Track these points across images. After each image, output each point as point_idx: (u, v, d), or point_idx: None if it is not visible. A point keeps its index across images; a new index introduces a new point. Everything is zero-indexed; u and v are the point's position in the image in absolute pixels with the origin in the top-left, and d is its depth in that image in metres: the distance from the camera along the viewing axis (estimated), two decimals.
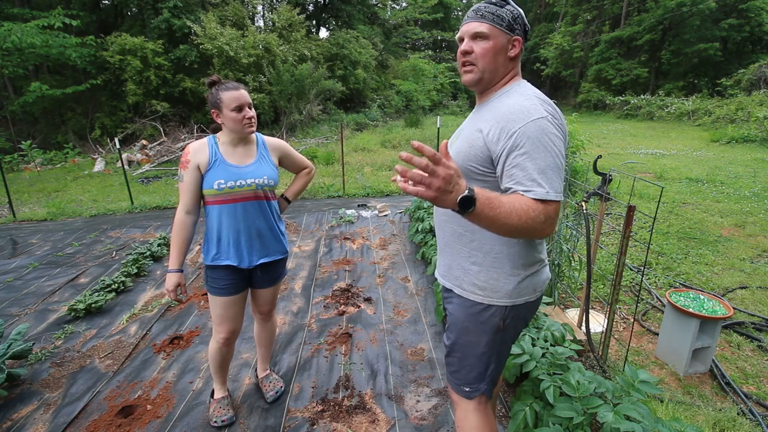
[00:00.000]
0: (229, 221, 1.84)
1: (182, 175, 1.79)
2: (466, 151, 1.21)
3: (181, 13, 14.27)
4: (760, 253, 4.25)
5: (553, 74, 27.18)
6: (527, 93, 1.18)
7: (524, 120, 1.10)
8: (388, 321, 3.06)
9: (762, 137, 11.32)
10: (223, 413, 2.10)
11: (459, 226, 1.30)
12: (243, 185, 1.82)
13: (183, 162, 1.79)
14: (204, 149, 1.80)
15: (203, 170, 1.79)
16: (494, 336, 1.31)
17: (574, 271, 3.27)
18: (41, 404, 2.29)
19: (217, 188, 1.78)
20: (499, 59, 1.21)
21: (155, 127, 13.95)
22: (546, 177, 1.06)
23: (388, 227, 5.19)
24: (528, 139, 1.08)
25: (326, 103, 16.94)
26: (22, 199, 8.05)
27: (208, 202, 1.84)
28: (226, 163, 1.81)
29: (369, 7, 23.47)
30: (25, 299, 3.55)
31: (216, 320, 1.96)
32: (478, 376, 1.36)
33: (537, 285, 1.31)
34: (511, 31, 1.20)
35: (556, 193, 1.07)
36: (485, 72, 1.22)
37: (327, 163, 10.06)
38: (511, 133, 1.10)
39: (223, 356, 2.04)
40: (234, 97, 1.75)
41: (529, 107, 1.12)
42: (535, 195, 1.05)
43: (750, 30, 19.14)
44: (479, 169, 1.20)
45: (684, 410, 2.17)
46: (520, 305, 1.28)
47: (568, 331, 2.24)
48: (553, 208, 1.07)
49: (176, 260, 1.83)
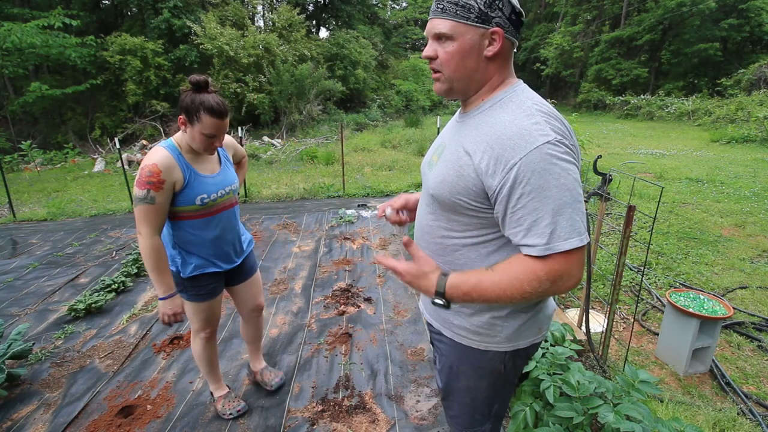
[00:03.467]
0: (210, 232, 1.77)
1: (152, 196, 1.57)
2: (453, 182, 0.97)
3: (181, 13, 14.29)
4: (760, 253, 4.25)
5: (553, 74, 27.15)
6: (526, 105, 0.92)
7: (526, 148, 0.86)
8: (388, 321, 3.06)
9: (762, 137, 11.31)
10: (234, 405, 2.13)
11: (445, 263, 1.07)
12: (223, 195, 1.79)
13: (154, 183, 1.56)
14: (175, 166, 1.62)
15: (178, 188, 1.65)
16: (495, 380, 1.13)
17: None
18: (41, 404, 2.29)
19: (200, 203, 1.70)
20: (468, 63, 0.95)
21: (155, 127, 13.96)
22: (564, 221, 0.86)
23: (388, 227, 5.19)
24: (533, 174, 0.86)
25: (326, 103, 16.95)
26: (22, 199, 8.05)
27: (181, 218, 1.71)
28: (200, 176, 1.71)
29: (369, 7, 23.48)
30: (25, 299, 3.55)
31: (200, 324, 1.93)
32: (480, 419, 1.20)
33: (542, 323, 1.11)
34: (485, 22, 0.91)
35: (579, 237, 0.87)
36: (453, 81, 0.98)
37: (327, 163, 10.06)
38: (511, 165, 0.87)
39: (210, 351, 2.04)
40: (214, 126, 1.61)
41: (530, 129, 0.88)
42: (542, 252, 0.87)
43: (750, 30, 19.13)
44: (471, 204, 0.97)
45: (684, 410, 2.17)
46: (522, 349, 1.10)
47: (568, 331, 2.24)
48: (576, 259, 0.88)
49: (168, 284, 1.67)
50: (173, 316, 1.69)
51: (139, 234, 1.61)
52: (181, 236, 1.75)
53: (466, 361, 1.12)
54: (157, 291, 1.67)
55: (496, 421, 1.24)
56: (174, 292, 1.70)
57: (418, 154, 11.00)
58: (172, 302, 1.68)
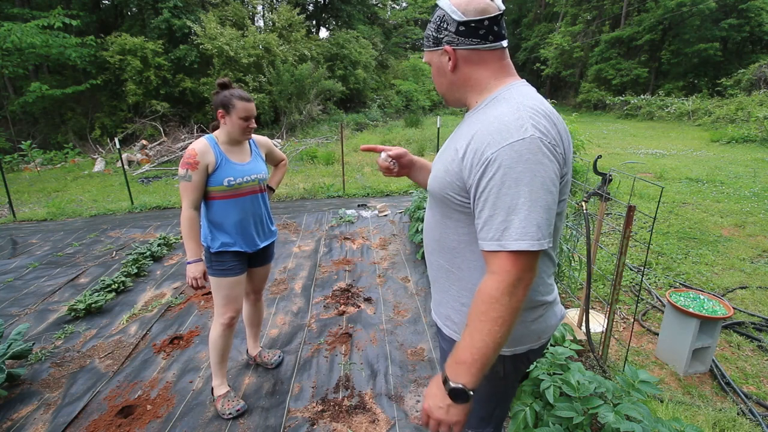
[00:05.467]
0: (236, 213, 2.03)
1: (190, 175, 1.90)
2: (442, 177, 1.02)
3: (181, 13, 14.27)
4: (760, 253, 4.25)
5: (553, 74, 27.15)
6: (516, 101, 0.94)
7: (501, 143, 0.87)
8: (388, 321, 3.06)
9: (762, 137, 11.32)
10: (234, 405, 2.16)
11: (445, 261, 1.12)
12: (248, 180, 2.05)
13: (191, 163, 1.90)
14: (210, 151, 1.95)
15: (211, 170, 1.95)
16: (495, 383, 1.15)
17: (574, 271, 3.27)
18: (41, 404, 2.29)
19: (227, 185, 1.97)
20: (443, 80, 1.07)
21: (155, 127, 13.94)
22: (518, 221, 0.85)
23: (388, 227, 5.19)
24: (500, 169, 0.86)
25: (326, 103, 16.94)
26: (22, 199, 8.05)
27: (213, 197, 1.99)
28: (231, 162, 2.00)
29: (369, 7, 23.47)
30: (25, 299, 3.55)
31: (222, 302, 2.08)
32: (481, 421, 1.22)
33: (542, 331, 1.10)
34: (438, 44, 1.02)
35: (531, 241, 0.84)
36: (444, 94, 1.10)
37: (327, 163, 10.06)
38: (485, 159, 0.88)
39: (225, 341, 2.13)
40: (246, 108, 1.95)
41: (511, 123, 0.88)
42: (492, 247, 0.87)
43: (750, 30, 19.14)
44: (457, 199, 1.00)
45: (684, 410, 2.17)
46: (521, 354, 1.10)
47: (568, 331, 2.24)
48: (524, 263, 0.85)
49: (195, 251, 1.95)
50: (194, 279, 1.96)
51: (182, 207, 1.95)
52: (212, 215, 2.03)
53: None
54: (187, 255, 1.96)
55: (498, 425, 1.24)
56: (198, 259, 1.96)
57: (418, 154, 11.00)
58: (197, 266, 1.96)
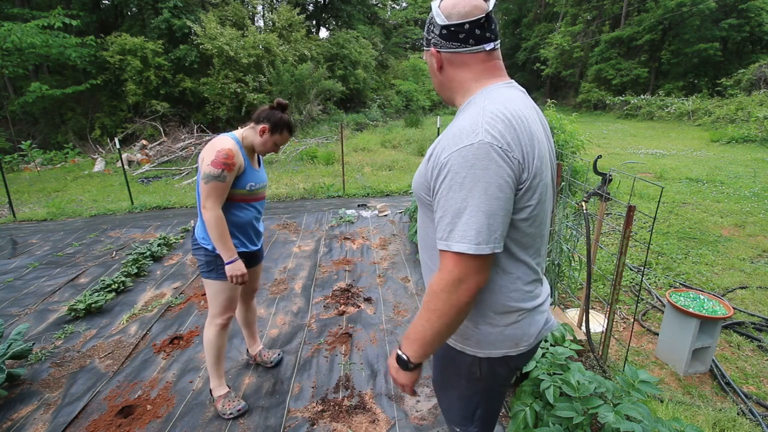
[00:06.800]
0: (246, 216, 2.06)
1: (225, 175, 1.88)
2: (417, 179, 1.07)
3: (181, 13, 14.28)
4: (760, 253, 4.25)
5: (553, 74, 27.14)
6: (479, 105, 0.95)
7: (453, 147, 0.90)
8: (388, 321, 3.06)
9: (762, 137, 11.32)
10: (234, 405, 2.16)
11: (428, 258, 1.14)
12: (262, 186, 2.11)
13: (228, 164, 1.88)
14: (239, 154, 1.95)
15: (239, 173, 1.96)
16: (472, 383, 1.16)
17: (574, 271, 3.27)
18: (41, 404, 2.29)
19: (248, 189, 2.01)
20: (435, 79, 1.13)
21: (155, 127, 13.94)
22: (462, 224, 0.87)
23: (388, 227, 5.19)
24: (449, 173, 0.90)
25: (326, 103, 16.93)
26: (22, 199, 8.05)
27: (231, 199, 1.98)
28: (251, 168, 2.04)
29: (369, 7, 23.47)
30: (25, 299, 3.55)
31: (223, 305, 2.08)
32: (464, 419, 1.23)
33: (519, 338, 1.07)
34: (428, 45, 1.07)
35: (469, 244, 0.87)
36: (440, 93, 1.15)
37: (327, 163, 10.06)
38: (440, 163, 0.93)
39: (222, 340, 2.15)
40: (286, 140, 2.06)
41: (466, 129, 0.91)
42: (440, 246, 0.91)
43: (750, 30, 19.13)
44: (428, 200, 1.03)
45: (684, 410, 2.17)
46: (497, 358, 1.09)
47: (568, 331, 2.25)
48: (465, 265, 0.88)
49: (231, 249, 1.94)
50: (241, 276, 1.95)
51: (203, 208, 1.88)
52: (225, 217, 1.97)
53: (446, 357, 1.18)
54: (223, 256, 1.93)
55: (484, 426, 1.25)
56: (237, 258, 1.95)
57: (418, 154, 11.00)
58: (238, 264, 1.95)
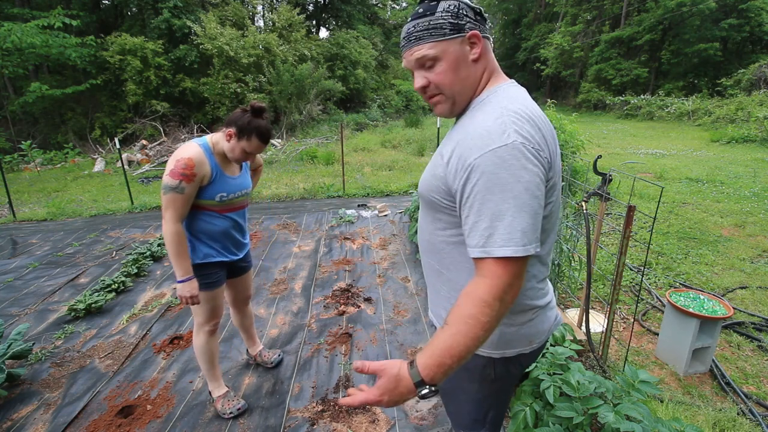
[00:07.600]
0: (219, 225, 1.95)
1: (183, 186, 1.74)
2: (429, 180, 1.03)
3: (181, 13, 14.28)
4: (760, 253, 4.25)
5: (553, 74, 27.15)
6: (500, 105, 0.92)
7: (483, 149, 0.86)
8: (388, 321, 3.06)
9: (762, 137, 11.31)
10: (234, 404, 2.16)
11: (435, 261, 1.12)
12: (239, 195, 1.97)
13: (186, 175, 1.73)
14: (205, 162, 1.80)
15: (205, 183, 1.83)
16: (487, 386, 1.14)
17: (574, 271, 3.27)
18: (41, 404, 2.29)
19: (219, 200, 1.89)
20: (462, 73, 0.97)
21: (155, 127, 13.94)
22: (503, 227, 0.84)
23: (388, 227, 5.19)
24: (482, 176, 0.86)
25: (326, 103, 16.93)
26: (22, 199, 8.05)
27: (199, 209, 1.88)
28: (225, 176, 1.90)
29: (369, 7, 23.45)
30: (25, 299, 3.55)
31: (207, 314, 2.03)
32: (475, 422, 1.20)
33: (533, 336, 1.07)
34: (459, 31, 0.94)
35: (515, 247, 0.83)
36: (455, 95, 0.99)
37: (327, 163, 10.05)
38: (467, 165, 0.88)
39: (213, 345, 2.12)
40: (257, 147, 1.83)
41: (491, 130, 0.88)
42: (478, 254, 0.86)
43: (750, 30, 19.13)
44: (443, 203, 1.00)
45: (684, 410, 2.17)
46: (511, 357, 1.08)
47: (568, 331, 2.24)
48: (511, 270, 0.84)
49: (187, 268, 1.82)
50: (191, 298, 1.84)
51: (163, 219, 1.77)
52: (196, 225, 1.91)
53: None
54: (176, 274, 1.81)
55: (494, 428, 1.23)
56: (191, 276, 1.83)
57: (418, 154, 11.00)
58: (190, 285, 1.83)
